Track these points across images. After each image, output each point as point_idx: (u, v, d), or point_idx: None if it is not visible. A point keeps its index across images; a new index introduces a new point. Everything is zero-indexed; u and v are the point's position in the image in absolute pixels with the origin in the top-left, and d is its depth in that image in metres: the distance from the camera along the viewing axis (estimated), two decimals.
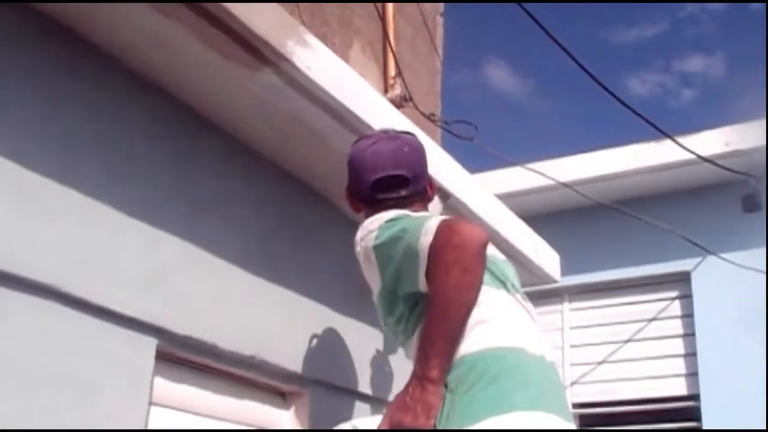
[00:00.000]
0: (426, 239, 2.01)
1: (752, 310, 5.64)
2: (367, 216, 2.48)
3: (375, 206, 2.49)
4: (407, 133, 2.78)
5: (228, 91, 2.90)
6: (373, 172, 2.54)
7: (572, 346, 6.64)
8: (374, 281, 2.33)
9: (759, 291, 5.64)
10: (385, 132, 2.72)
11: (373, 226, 2.31)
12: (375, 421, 2.08)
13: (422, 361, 1.95)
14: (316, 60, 2.88)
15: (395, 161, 2.55)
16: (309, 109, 2.99)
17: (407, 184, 2.53)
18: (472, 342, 1.99)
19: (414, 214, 2.30)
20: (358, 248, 2.36)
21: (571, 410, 5.71)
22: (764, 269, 5.56)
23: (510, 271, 2.33)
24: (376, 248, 2.23)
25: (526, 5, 3.27)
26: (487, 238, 2.01)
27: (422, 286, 2.06)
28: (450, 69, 5.81)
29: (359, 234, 2.37)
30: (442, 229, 2.00)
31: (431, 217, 2.13)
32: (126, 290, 2.59)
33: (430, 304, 2.00)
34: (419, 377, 1.94)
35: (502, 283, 2.20)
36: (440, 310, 1.96)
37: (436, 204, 3.12)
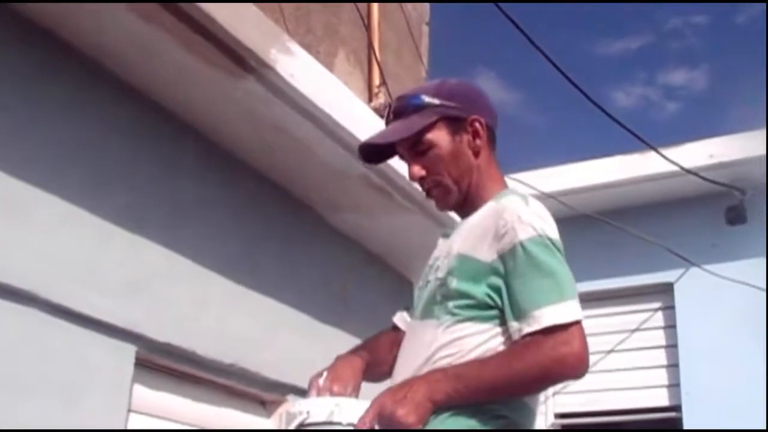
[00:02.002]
0: (557, 315, 1.77)
1: (735, 322, 5.66)
2: (476, 167, 2.02)
3: (491, 152, 2.06)
4: None
5: (211, 98, 2.90)
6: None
7: None
8: (479, 248, 1.89)
9: (741, 303, 5.65)
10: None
11: (534, 221, 1.87)
12: (360, 404, 1.97)
13: (444, 380, 1.82)
14: (299, 68, 2.88)
15: None
16: (292, 117, 2.99)
17: None
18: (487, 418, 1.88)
19: (562, 259, 1.90)
20: (505, 218, 1.86)
21: (554, 420, 5.73)
22: (747, 281, 5.57)
23: None
24: (519, 246, 1.84)
25: (510, 14, 3.26)
26: (583, 374, 1.86)
27: (505, 317, 1.85)
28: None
29: (515, 206, 1.89)
30: (571, 348, 1.75)
31: (573, 294, 1.83)
32: (106, 297, 2.58)
33: (495, 359, 1.84)
34: (428, 388, 1.84)
35: None
36: (495, 378, 1.79)
37: None
